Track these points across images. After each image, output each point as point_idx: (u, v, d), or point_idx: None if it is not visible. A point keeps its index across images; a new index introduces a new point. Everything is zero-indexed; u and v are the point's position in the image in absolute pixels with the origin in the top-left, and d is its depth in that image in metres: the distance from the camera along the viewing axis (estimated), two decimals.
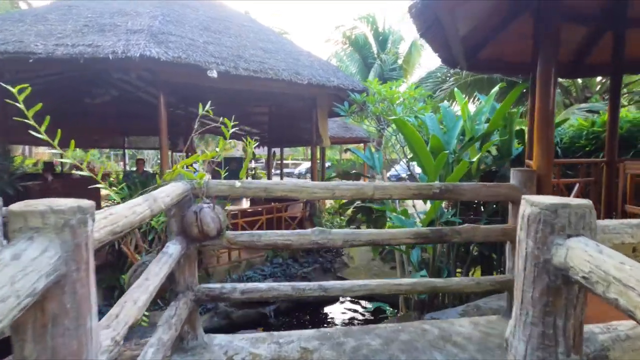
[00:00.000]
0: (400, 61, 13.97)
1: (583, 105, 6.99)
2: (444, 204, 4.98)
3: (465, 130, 4.80)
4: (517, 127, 5.46)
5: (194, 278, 2.00)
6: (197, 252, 2.07)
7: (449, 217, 4.43)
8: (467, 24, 3.28)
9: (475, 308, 3.40)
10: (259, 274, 5.95)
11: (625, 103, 8.26)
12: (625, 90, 8.51)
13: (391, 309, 4.18)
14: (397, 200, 5.75)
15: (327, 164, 25.57)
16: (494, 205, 5.01)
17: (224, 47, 5.44)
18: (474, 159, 3.74)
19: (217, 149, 1.81)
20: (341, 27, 15.89)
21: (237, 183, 1.94)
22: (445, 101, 8.87)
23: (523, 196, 0.97)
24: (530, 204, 0.91)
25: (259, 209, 6.89)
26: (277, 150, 15.58)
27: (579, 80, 8.49)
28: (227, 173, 2.05)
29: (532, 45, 3.41)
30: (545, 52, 2.39)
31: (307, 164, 29.46)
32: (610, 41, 3.82)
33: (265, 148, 13.88)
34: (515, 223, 2.35)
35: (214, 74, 4.62)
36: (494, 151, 5.44)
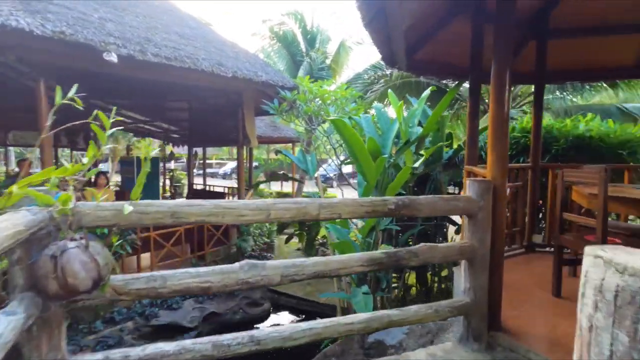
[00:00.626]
0: (328, 61, 13.85)
1: None
2: None
3: (401, 133, 4.65)
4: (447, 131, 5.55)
5: (58, 351, 1.33)
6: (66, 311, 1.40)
7: (387, 224, 4.23)
8: (408, 20, 3.04)
9: (420, 324, 3.19)
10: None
11: (528, 111, 9.15)
12: (528, 99, 9.44)
13: None
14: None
15: (254, 164, 24.73)
16: None
17: (128, 27, 4.51)
18: (417, 164, 3.53)
19: (85, 160, 1.17)
20: (268, 22, 15.27)
21: (128, 207, 1.32)
22: (376, 102, 8.89)
23: (591, 249, 0.60)
24: (620, 269, 0.54)
25: None
26: (200, 150, 14.37)
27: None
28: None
29: (470, 49, 3.31)
30: (499, 55, 2.20)
31: (232, 164, 28.08)
32: (534, 50, 3.94)
33: (187, 147, 12.63)
34: (472, 239, 2.11)
35: (112, 57, 3.74)
36: (423, 154, 5.44)
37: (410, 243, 4.84)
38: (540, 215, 4.75)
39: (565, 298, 2.74)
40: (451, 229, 5.35)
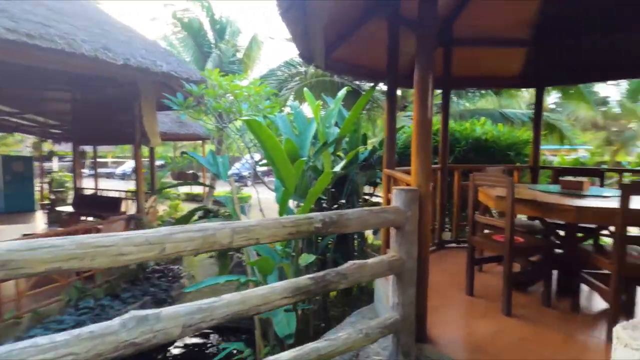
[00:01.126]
0: (240, 54, 13.14)
1: (409, 113, 7.93)
2: (293, 206, 4.58)
3: (319, 134, 4.50)
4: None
5: None
6: None
7: None
8: (326, 14, 2.84)
9: None
10: (54, 331, 4.15)
11: None
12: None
13: (248, 349, 3.45)
14: (248, 209, 5.04)
15: (159, 163, 22.51)
16: (336, 207, 4.95)
17: None
18: (337, 168, 3.38)
19: None
20: (170, 6, 13.87)
21: None
22: (291, 101, 8.66)
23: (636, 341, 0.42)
24: None
25: (61, 231, 4.93)
26: (91, 147, 12.38)
27: (398, 91, 9.74)
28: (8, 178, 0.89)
29: (387, 51, 3.27)
30: (422, 59, 2.12)
31: (133, 162, 25.06)
32: (441, 57, 4.13)
33: (73, 145, 10.69)
34: (400, 251, 2.00)
35: None
36: (340, 155, 5.40)
37: (330, 246, 4.73)
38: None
39: (477, 296, 2.87)
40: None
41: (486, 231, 3.51)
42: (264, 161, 5.31)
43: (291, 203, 4.40)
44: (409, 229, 1.97)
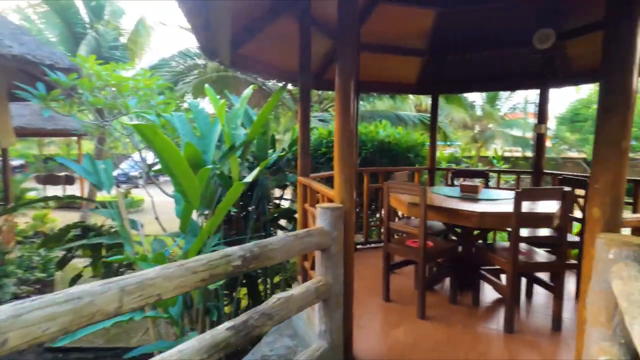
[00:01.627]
0: (124, 39, 11.42)
1: (316, 114, 7.92)
2: (195, 216, 4.10)
3: (225, 137, 4.09)
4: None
5: None
6: None
7: (215, 243, 3.62)
8: (232, 4, 2.50)
9: None
10: None
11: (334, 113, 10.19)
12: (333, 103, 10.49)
13: None
14: (140, 224, 4.32)
15: (18, 162, 18.39)
16: (256, 217, 4.65)
17: None
18: (249, 178, 3.08)
19: None
20: None
21: None
22: (189, 97, 7.84)
23: None
24: None
25: None
26: None
27: None
28: None
29: (299, 52, 3.09)
30: (344, 64, 1.98)
31: None
32: None
33: None
34: (326, 275, 1.84)
35: None
36: (248, 159, 5.06)
37: None
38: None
39: (393, 301, 2.93)
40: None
41: (396, 235, 3.64)
42: (159, 166, 4.64)
43: (194, 213, 3.92)
44: (334, 251, 1.83)
